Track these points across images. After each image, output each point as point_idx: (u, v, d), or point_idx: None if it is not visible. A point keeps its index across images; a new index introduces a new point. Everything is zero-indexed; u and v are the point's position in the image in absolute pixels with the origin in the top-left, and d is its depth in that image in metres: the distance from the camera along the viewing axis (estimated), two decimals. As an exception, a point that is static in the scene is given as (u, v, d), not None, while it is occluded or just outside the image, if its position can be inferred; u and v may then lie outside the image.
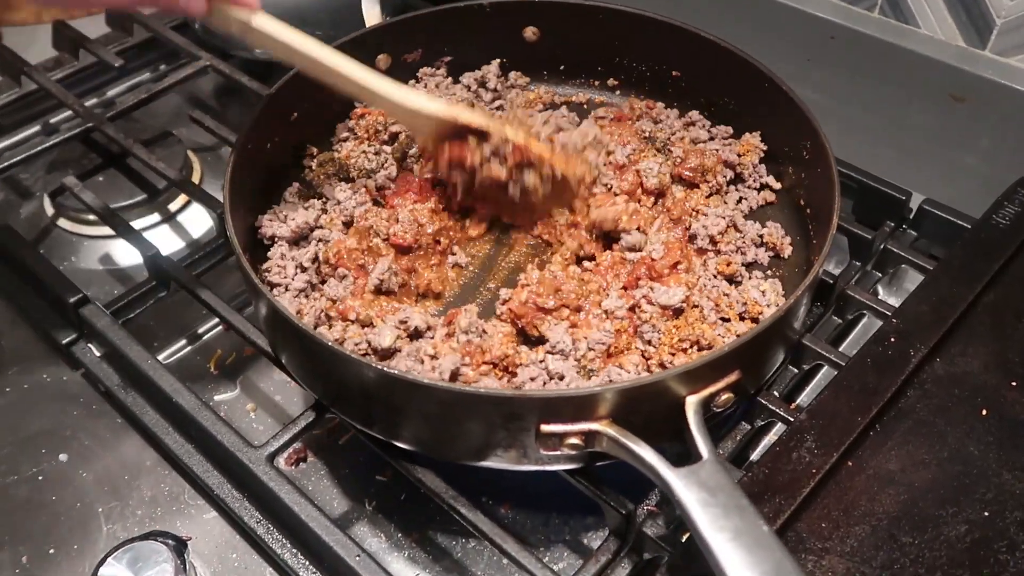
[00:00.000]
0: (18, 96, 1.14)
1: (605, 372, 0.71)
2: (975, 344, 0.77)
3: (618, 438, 0.62)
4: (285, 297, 0.78)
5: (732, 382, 0.66)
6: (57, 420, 0.83)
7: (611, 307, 0.76)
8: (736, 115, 0.95)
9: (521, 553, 0.67)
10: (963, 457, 0.69)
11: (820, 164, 0.82)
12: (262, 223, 0.84)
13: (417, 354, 0.71)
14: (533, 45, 1.02)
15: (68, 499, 0.78)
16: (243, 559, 0.74)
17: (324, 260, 0.79)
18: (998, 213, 0.86)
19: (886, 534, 0.65)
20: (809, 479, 0.66)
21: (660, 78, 1.00)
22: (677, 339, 0.73)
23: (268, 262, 0.81)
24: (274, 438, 0.75)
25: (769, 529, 0.56)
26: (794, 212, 0.89)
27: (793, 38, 1.11)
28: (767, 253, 0.85)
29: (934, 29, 1.04)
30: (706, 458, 0.61)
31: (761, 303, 0.78)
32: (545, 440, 0.63)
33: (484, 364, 0.71)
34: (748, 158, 0.91)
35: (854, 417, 0.70)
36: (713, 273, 0.81)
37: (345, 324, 0.74)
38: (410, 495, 0.80)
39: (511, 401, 0.62)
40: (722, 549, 0.55)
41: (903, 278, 0.94)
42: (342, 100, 0.96)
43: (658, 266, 0.80)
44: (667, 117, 0.98)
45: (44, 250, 0.99)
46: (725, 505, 0.57)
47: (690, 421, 0.64)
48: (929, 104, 1.05)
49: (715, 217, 0.85)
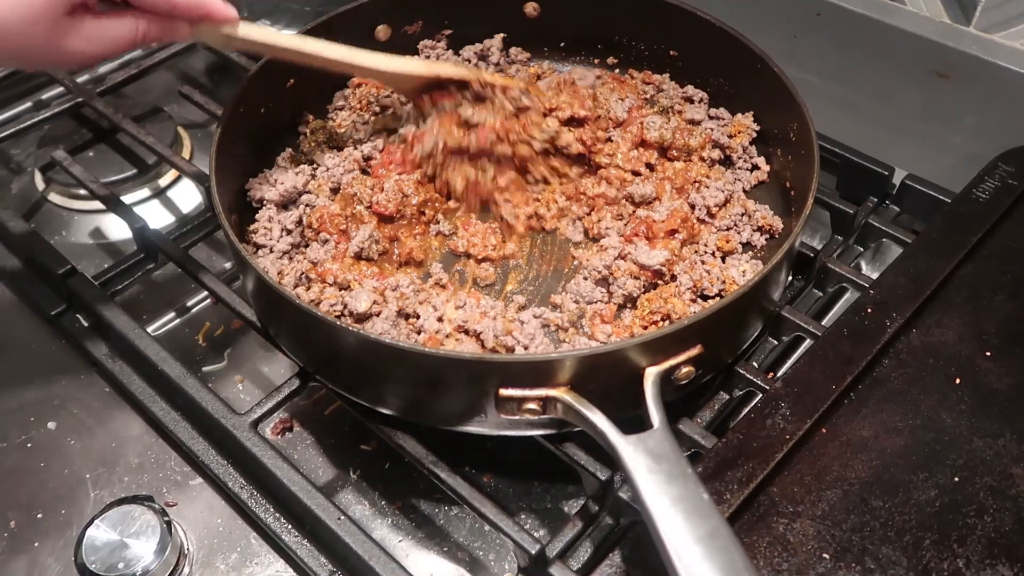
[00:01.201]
0: (9, 71, 1.14)
1: (571, 341, 0.72)
2: (951, 315, 0.77)
3: (573, 404, 0.63)
4: (269, 258, 0.79)
5: (693, 356, 0.67)
6: (46, 389, 0.84)
7: (608, 244, 0.79)
8: (730, 96, 0.96)
9: (499, 517, 0.68)
10: (935, 424, 0.70)
11: (805, 147, 0.82)
12: (251, 185, 0.85)
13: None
14: (534, 21, 1.02)
15: (56, 466, 0.79)
16: (227, 524, 0.76)
17: (308, 224, 0.80)
18: (978, 188, 0.87)
19: (857, 498, 0.66)
20: (782, 445, 0.67)
21: (658, 57, 1.00)
22: (648, 311, 0.74)
23: (255, 224, 0.82)
24: (258, 405, 0.76)
25: (708, 497, 0.57)
26: (780, 195, 0.90)
27: (780, 14, 1.12)
28: (763, 236, 0.86)
29: (919, 5, 1.05)
30: (656, 427, 0.62)
31: (739, 282, 0.79)
32: (504, 404, 0.64)
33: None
34: (739, 139, 0.92)
35: (828, 385, 0.71)
36: (712, 250, 0.82)
37: (323, 286, 0.75)
38: (394, 464, 0.81)
39: (470, 363, 0.63)
40: (662, 514, 0.56)
41: (885, 253, 0.95)
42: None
43: (656, 227, 0.80)
44: (670, 87, 0.99)
45: (35, 224, 1.00)
46: (669, 472, 0.58)
47: (646, 391, 0.65)
48: (913, 80, 1.05)
49: (715, 190, 0.86)
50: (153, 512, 0.69)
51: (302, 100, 0.93)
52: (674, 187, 0.86)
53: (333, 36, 0.84)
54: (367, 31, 0.97)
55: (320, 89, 0.96)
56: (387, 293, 0.75)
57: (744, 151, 0.92)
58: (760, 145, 0.93)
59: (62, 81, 1.07)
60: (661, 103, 0.96)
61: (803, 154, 0.83)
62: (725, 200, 0.86)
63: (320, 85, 0.95)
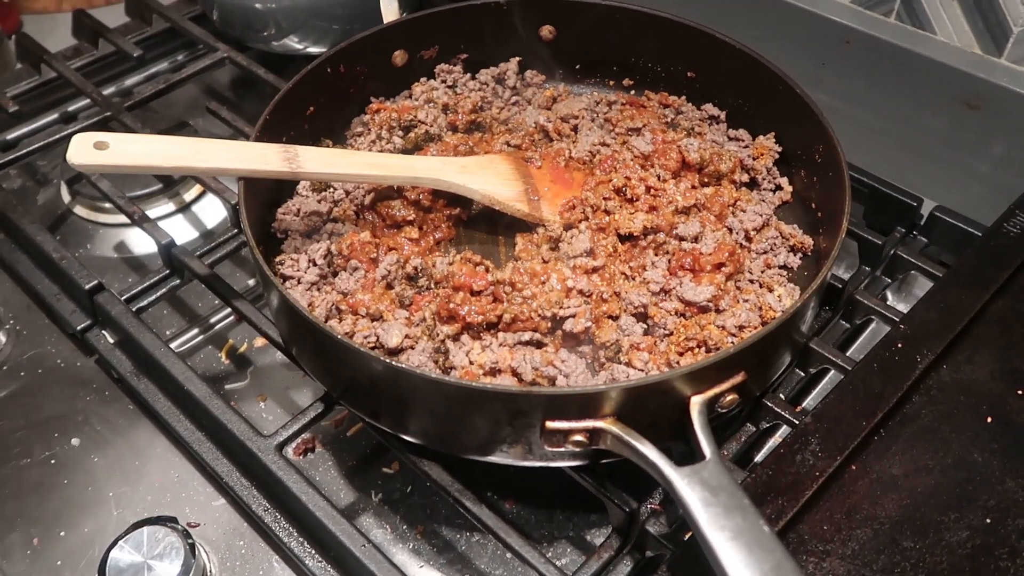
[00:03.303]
0: (37, 84, 1.15)
1: (609, 370, 0.72)
2: (982, 352, 0.77)
3: (622, 436, 0.62)
4: (297, 290, 0.79)
5: (737, 383, 0.66)
6: (70, 405, 0.85)
7: (651, 278, 0.77)
8: (750, 117, 0.96)
9: (524, 548, 0.68)
10: (967, 464, 0.69)
11: (832, 168, 0.82)
12: (276, 216, 0.85)
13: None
14: (549, 44, 1.02)
15: (79, 483, 0.79)
16: (250, 546, 0.75)
17: (337, 252, 0.80)
18: (1009, 221, 0.86)
19: (888, 538, 0.65)
20: (812, 481, 0.67)
21: (675, 79, 1.00)
22: (684, 337, 0.74)
23: (281, 255, 0.82)
24: (283, 428, 0.76)
25: (770, 530, 0.57)
26: (805, 215, 0.89)
27: (809, 41, 1.11)
28: (796, 257, 0.85)
29: (950, 36, 1.04)
30: (709, 458, 0.61)
31: (776, 308, 0.78)
32: (550, 436, 0.64)
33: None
34: (762, 161, 0.92)
35: (859, 421, 0.70)
36: (756, 277, 0.81)
37: (355, 318, 0.74)
38: (416, 488, 0.81)
39: (517, 397, 0.63)
40: (723, 548, 0.55)
41: (912, 284, 0.94)
42: (358, 96, 0.97)
43: (703, 260, 0.79)
44: (689, 109, 0.98)
45: (60, 237, 1.01)
46: (727, 505, 0.58)
47: (694, 421, 0.64)
48: (943, 110, 1.05)
49: (752, 213, 0.86)
50: (177, 534, 0.69)
51: (321, 127, 0.93)
52: (711, 213, 0.86)
53: (352, 62, 0.82)
54: (385, 56, 0.97)
55: (339, 116, 0.96)
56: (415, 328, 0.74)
57: (768, 172, 0.92)
58: (781, 166, 0.92)
59: (90, 94, 1.07)
60: (683, 126, 0.95)
61: (830, 176, 0.83)
62: (763, 224, 0.85)
63: (338, 112, 0.96)
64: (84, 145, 0.72)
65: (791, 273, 0.85)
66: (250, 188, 0.78)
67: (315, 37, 1.14)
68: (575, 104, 0.99)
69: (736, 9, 1.14)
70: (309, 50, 1.16)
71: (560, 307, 0.73)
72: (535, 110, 0.99)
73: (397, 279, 0.78)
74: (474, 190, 0.83)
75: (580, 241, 0.80)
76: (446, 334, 0.72)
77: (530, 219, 0.84)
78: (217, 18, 1.17)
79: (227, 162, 0.76)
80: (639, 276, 0.79)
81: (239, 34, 1.17)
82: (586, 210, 0.84)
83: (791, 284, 0.82)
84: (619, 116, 0.96)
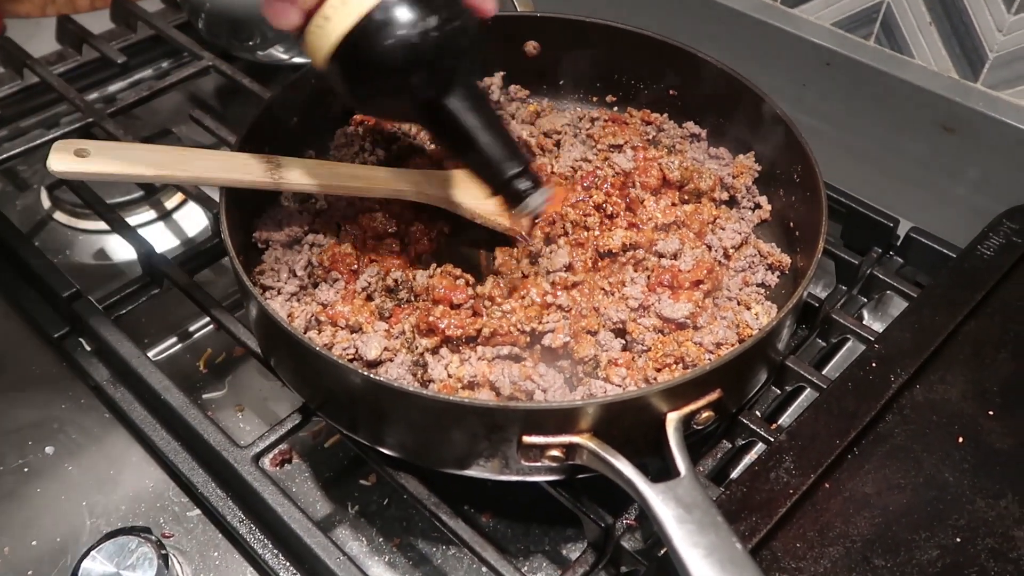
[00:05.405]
0: (20, 88, 1.14)
1: (587, 385, 0.72)
2: (954, 372, 0.78)
3: (598, 451, 0.63)
4: (277, 300, 0.79)
5: (713, 400, 0.67)
6: (45, 413, 0.84)
7: (630, 294, 0.78)
8: (731, 136, 0.96)
9: (500, 562, 0.68)
10: (938, 483, 0.70)
11: (810, 188, 0.83)
12: (257, 227, 0.84)
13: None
14: (533, 59, 1.03)
15: (53, 492, 0.78)
16: (224, 557, 0.75)
17: (319, 263, 0.80)
18: (983, 244, 0.88)
19: (860, 556, 0.66)
20: (786, 499, 0.67)
21: (657, 96, 1.01)
22: (662, 354, 0.74)
23: (262, 265, 0.82)
24: (260, 439, 0.75)
25: (743, 547, 0.57)
26: (783, 234, 0.90)
27: (790, 62, 1.13)
28: (774, 275, 0.86)
29: (928, 60, 1.06)
30: (684, 474, 0.62)
31: (753, 326, 0.79)
32: (527, 451, 0.64)
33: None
34: (742, 179, 0.93)
35: (832, 440, 0.71)
36: (734, 295, 0.82)
37: (335, 329, 0.74)
38: (393, 500, 0.80)
39: (495, 412, 0.63)
40: (696, 565, 0.56)
41: (888, 304, 0.95)
42: (343, 107, 0.97)
43: (681, 278, 0.79)
44: (670, 126, 0.99)
45: (39, 243, 1.00)
46: (700, 522, 0.58)
47: (670, 437, 0.65)
48: (920, 133, 1.06)
49: (731, 232, 0.87)
50: (150, 544, 0.68)
51: (305, 138, 0.93)
52: (691, 231, 0.86)
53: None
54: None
55: (323, 127, 0.96)
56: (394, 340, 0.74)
57: (747, 190, 0.93)
58: (761, 185, 0.93)
59: (72, 100, 1.07)
60: (664, 143, 0.96)
61: (808, 195, 0.84)
62: (742, 242, 0.86)
63: (322, 124, 0.95)
64: (64, 152, 0.72)
65: (769, 291, 0.85)
66: (232, 198, 0.78)
67: (300, 47, 1.14)
68: (558, 119, 1.00)
69: (719, 29, 1.16)
70: (294, 60, 1.16)
71: (539, 322, 0.74)
72: (518, 125, 0.99)
73: (377, 291, 0.78)
74: (456, 203, 0.83)
75: (559, 256, 0.81)
76: (425, 347, 0.73)
77: (510, 232, 0.85)
78: (203, 26, 1.17)
79: (209, 171, 0.76)
80: (618, 292, 0.80)
81: (225, 43, 1.17)
82: (566, 225, 0.85)
83: (768, 302, 0.83)
84: (601, 132, 0.97)
